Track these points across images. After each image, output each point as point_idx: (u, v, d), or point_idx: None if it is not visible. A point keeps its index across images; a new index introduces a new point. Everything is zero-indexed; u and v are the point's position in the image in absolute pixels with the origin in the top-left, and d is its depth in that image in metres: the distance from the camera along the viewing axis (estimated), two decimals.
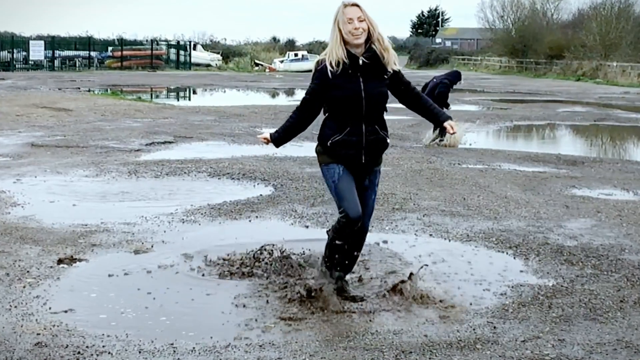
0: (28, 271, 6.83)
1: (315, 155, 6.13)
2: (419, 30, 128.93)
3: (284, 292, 6.32)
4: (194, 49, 73.84)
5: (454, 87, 17.37)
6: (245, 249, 7.52)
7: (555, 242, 8.25)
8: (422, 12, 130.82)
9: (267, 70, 70.99)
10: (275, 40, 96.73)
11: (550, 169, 13.79)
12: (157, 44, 72.33)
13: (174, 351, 5.10)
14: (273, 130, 6.21)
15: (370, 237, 8.41)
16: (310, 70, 6.41)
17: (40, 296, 6.16)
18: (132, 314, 5.82)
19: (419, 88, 18.24)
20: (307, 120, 6.08)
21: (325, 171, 5.99)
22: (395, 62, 5.95)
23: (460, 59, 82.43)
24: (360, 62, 5.79)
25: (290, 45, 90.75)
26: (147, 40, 73.83)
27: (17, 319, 5.62)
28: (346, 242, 6.03)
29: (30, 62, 59.48)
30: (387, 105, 6.06)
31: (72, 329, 5.44)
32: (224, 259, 7.25)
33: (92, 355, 5.01)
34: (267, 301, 6.14)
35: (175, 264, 7.16)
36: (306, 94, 5.99)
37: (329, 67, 5.80)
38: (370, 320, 5.76)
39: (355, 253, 6.26)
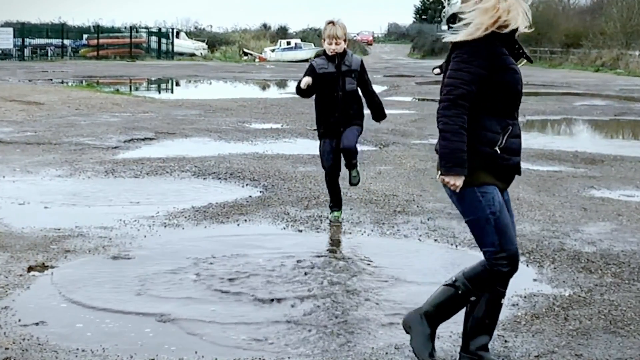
0: None
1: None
2: (423, 17, 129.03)
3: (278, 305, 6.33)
4: (177, 36, 73.80)
5: None
6: (235, 257, 7.52)
7: (572, 248, 8.26)
8: None
9: (256, 60, 71.00)
10: (265, 27, 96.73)
11: (567, 168, 13.81)
12: (137, 32, 72.26)
13: None
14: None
15: (368, 242, 8.43)
16: (304, 60, 6.39)
17: (9, 307, 6.15)
18: (109, 325, 5.81)
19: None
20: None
21: (477, 197, 4.76)
22: None
23: None
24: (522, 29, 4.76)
25: (282, 32, 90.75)
26: (125, 28, 73.75)
27: None
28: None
29: None
30: (388, 98, 5.81)
31: (43, 343, 5.43)
32: (210, 266, 7.26)
33: None
34: (260, 315, 6.14)
35: (156, 272, 7.15)
36: (463, 85, 4.60)
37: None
38: (368, 333, 5.76)
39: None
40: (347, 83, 8.88)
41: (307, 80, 8.74)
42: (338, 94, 8.86)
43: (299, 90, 8.91)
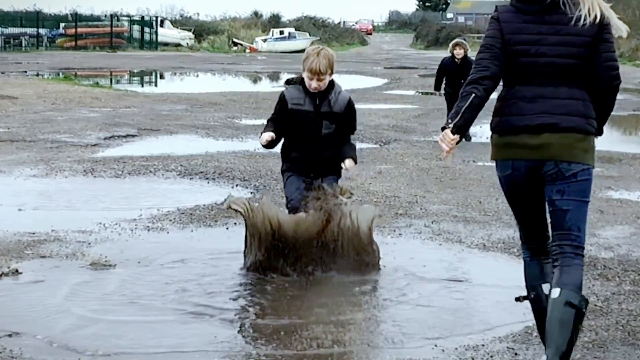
0: None
1: None
2: (427, 4, 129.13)
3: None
4: (161, 25, 73.69)
5: None
6: (222, 264, 7.51)
7: (588, 254, 8.23)
8: None
9: (247, 50, 70.98)
10: (257, 15, 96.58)
11: None
12: (118, 20, 72.17)
13: None
14: None
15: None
16: (299, 51, 6.36)
17: None
18: (87, 338, 5.80)
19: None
20: None
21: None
22: None
23: (476, 37, 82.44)
24: None
25: (275, 21, 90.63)
26: (105, 16, 73.73)
27: None
28: None
29: None
30: (389, 92, 5.92)
31: (17, 356, 5.42)
32: (193, 275, 7.25)
33: None
34: (254, 338, 6.14)
35: (139, 280, 7.15)
36: None
37: None
38: (368, 345, 5.76)
39: None
40: (324, 127, 7.51)
41: (266, 138, 7.38)
42: (313, 137, 7.50)
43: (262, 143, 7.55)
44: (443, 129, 4.97)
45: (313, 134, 7.47)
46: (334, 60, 7.45)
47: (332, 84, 7.51)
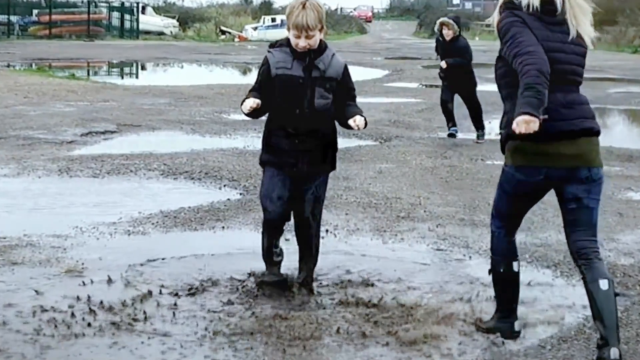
0: None
1: None
2: None
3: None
4: (143, 12, 73.71)
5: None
6: (208, 271, 7.51)
7: (606, 260, 8.20)
8: None
9: (236, 39, 70.98)
10: (246, 1, 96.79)
11: None
12: (96, 6, 72.14)
13: None
14: None
15: (367, 252, 8.43)
16: None
17: None
18: (61, 354, 5.80)
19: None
20: None
21: None
22: None
23: (484, 25, 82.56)
24: None
25: (266, 7, 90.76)
26: (82, 2, 73.62)
27: None
28: None
29: None
30: (390, 84, 6.03)
31: None
32: (185, 283, 7.25)
33: None
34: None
35: (119, 289, 7.13)
36: None
37: None
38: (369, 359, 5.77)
39: None
40: (316, 96, 6.79)
41: (250, 104, 6.80)
42: (302, 111, 6.80)
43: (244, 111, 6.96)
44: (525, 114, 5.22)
45: (305, 105, 6.78)
46: (324, 12, 6.78)
47: (324, 44, 6.88)
